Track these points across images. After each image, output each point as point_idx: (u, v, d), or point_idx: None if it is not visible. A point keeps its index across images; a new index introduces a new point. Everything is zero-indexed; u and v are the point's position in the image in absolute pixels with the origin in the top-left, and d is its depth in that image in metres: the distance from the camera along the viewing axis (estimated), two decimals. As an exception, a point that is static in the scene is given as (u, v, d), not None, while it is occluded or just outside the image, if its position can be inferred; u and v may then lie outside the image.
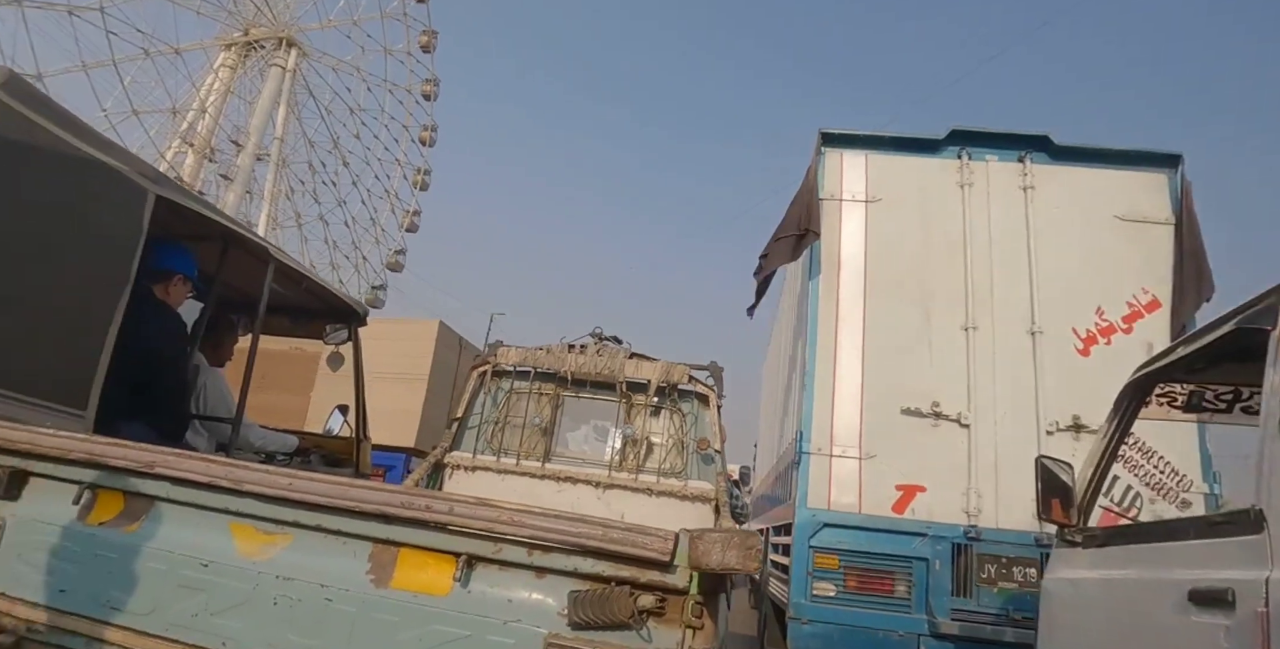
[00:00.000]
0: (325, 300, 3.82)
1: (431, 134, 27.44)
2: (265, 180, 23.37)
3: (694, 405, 4.44)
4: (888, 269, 4.32)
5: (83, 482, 1.64)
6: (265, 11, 22.81)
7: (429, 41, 26.25)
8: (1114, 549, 2.24)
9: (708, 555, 1.29)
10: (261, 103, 23.04)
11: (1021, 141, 4.46)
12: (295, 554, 1.50)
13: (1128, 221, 4.29)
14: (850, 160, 4.53)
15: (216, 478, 1.54)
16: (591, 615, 1.32)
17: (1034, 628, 3.63)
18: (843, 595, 3.76)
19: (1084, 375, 4.06)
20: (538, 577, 1.40)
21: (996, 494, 3.91)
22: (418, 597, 1.42)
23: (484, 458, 4.40)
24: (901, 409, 4.05)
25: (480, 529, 1.40)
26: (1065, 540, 2.57)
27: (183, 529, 1.58)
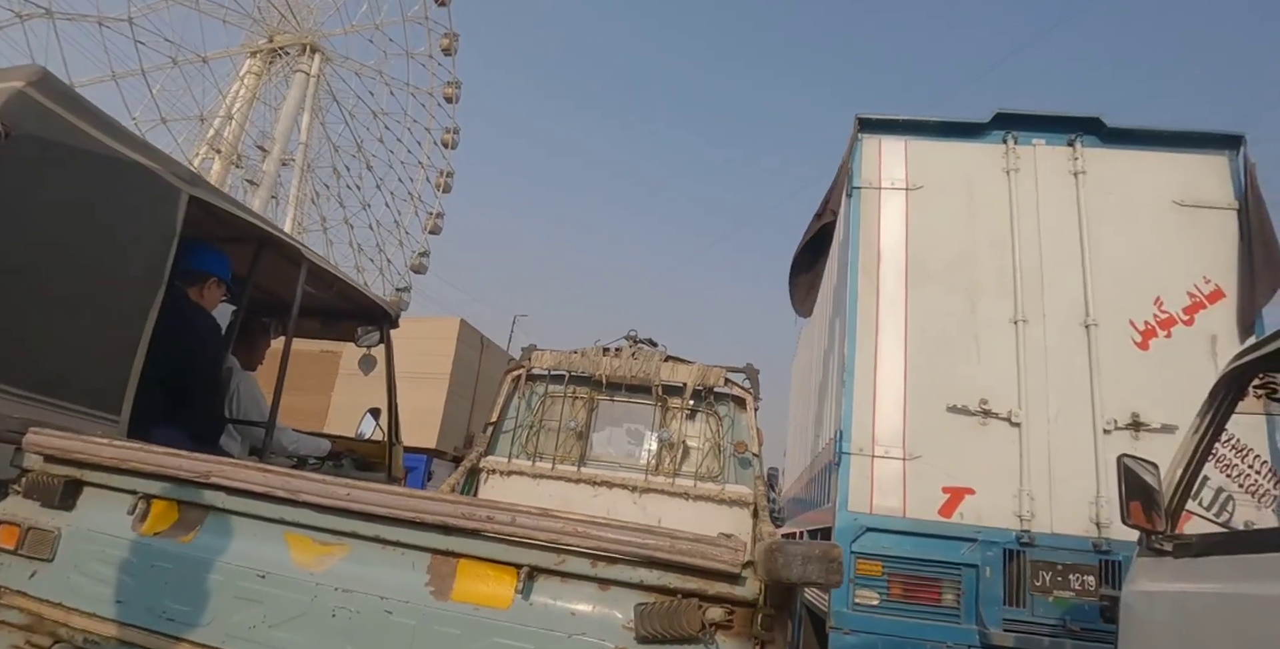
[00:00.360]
0: (356, 302, 3.78)
1: (454, 136, 27.65)
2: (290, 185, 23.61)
3: (730, 408, 4.44)
4: (931, 260, 4.14)
5: (137, 492, 1.64)
6: (289, 18, 23.15)
7: (450, 44, 26.44)
8: (1222, 559, 2.01)
9: (788, 568, 1.24)
10: (286, 108, 23.36)
11: (1071, 124, 4.25)
12: (353, 565, 1.49)
13: (1186, 207, 4.06)
14: (889, 146, 4.36)
15: (273, 488, 1.52)
16: (659, 629, 1.30)
17: (1096, 640, 3.48)
18: (886, 604, 3.58)
19: (1142, 370, 3.84)
20: (602, 589, 1.37)
21: (1050, 497, 3.70)
22: (479, 609, 1.39)
23: (519, 462, 4.40)
24: (948, 407, 3.86)
25: (544, 541, 1.38)
26: (1152, 549, 2.32)
27: (238, 540, 1.57)
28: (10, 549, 1.65)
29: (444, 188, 27.74)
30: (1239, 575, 1.88)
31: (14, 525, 1.66)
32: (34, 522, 1.66)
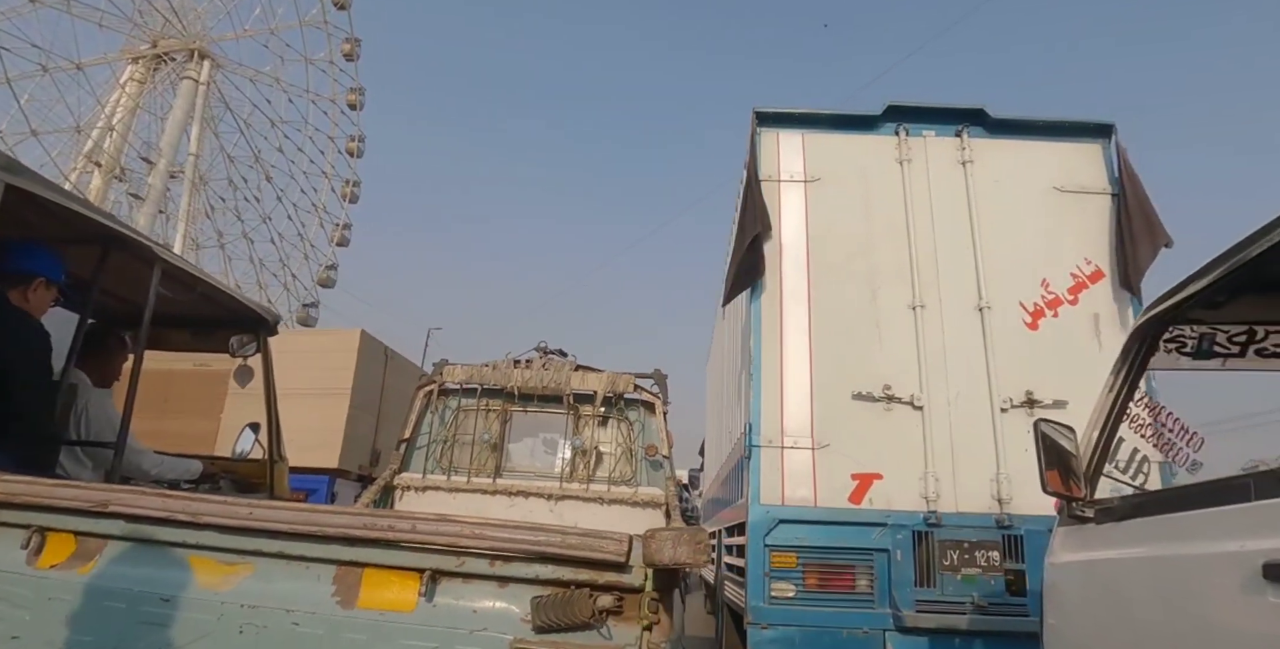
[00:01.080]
0: (228, 308, 3.52)
1: (359, 144, 26.97)
2: (180, 199, 22.33)
3: (641, 413, 4.61)
4: (831, 250, 4.24)
5: (31, 525, 1.62)
6: (174, 22, 22.00)
7: (352, 50, 25.79)
8: (1145, 521, 1.91)
9: (660, 553, 1.40)
10: (173, 118, 22.17)
11: (958, 116, 4.46)
12: (259, 582, 1.53)
13: (1066, 192, 4.32)
14: (787, 140, 4.46)
15: (174, 513, 1.55)
16: (554, 618, 1.41)
17: (1002, 614, 3.60)
18: (803, 595, 3.62)
19: (1034, 350, 4.04)
20: (500, 586, 1.47)
21: (954, 477, 3.84)
22: (385, 614, 1.47)
23: (434, 477, 4.47)
24: (853, 394, 3.95)
25: (443, 544, 1.47)
26: (1073, 517, 2.24)
27: (140, 566, 1.58)
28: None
29: (350, 198, 26.99)
30: (1165, 537, 1.80)
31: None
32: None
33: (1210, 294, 1.95)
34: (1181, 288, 2.04)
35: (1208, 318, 2.32)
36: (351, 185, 26.96)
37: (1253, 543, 1.46)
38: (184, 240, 22.15)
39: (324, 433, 6.54)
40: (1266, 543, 1.42)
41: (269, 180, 25.37)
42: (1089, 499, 2.23)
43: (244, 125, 24.64)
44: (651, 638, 1.41)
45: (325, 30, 25.36)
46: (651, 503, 4.27)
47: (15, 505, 1.61)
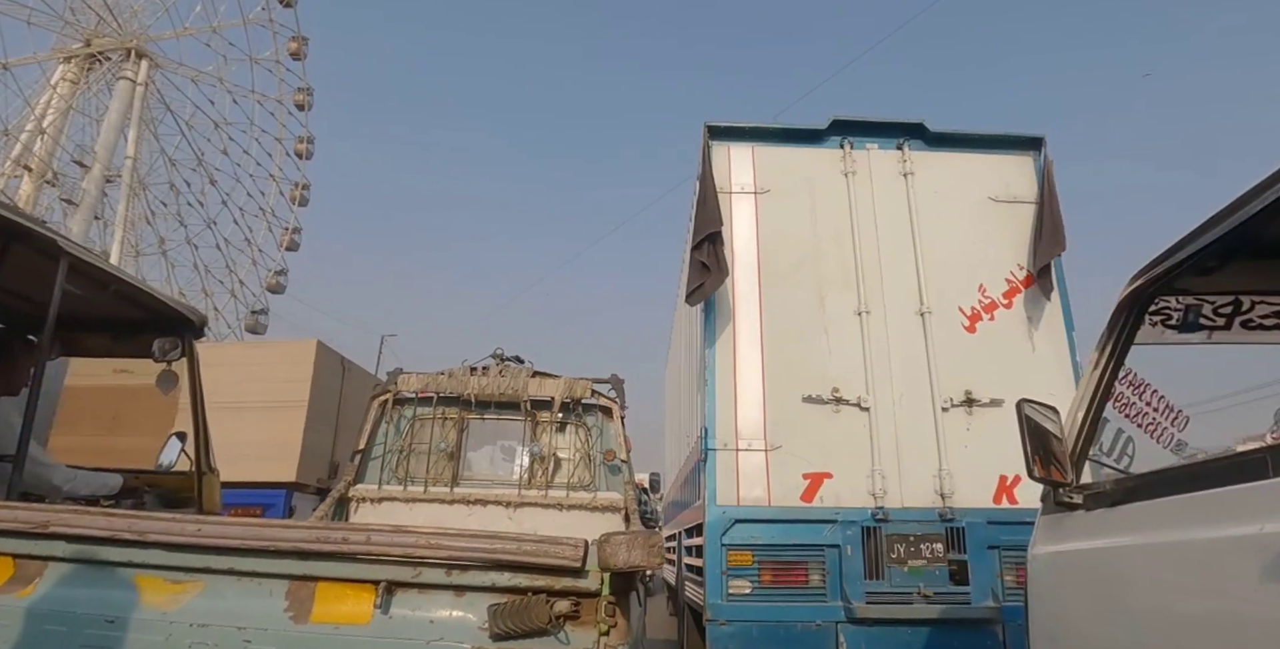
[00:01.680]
0: (149, 308, 3.26)
1: (308, 146, 26.45)
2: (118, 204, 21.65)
3: (598, 418, 4.64)
4: (780, 259, 4.45)
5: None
6: (109, 20, 21.32)
7: (299, 48, 25.27)
8: (1144, 506, 1.77)
9: (615, 556, 1.43)
10: (109, 119, 21.43)
11: (899, 129, 4.72)
12: (208, 600, 1.51)
13: (1000, 202, 4.61)
14: (737, 153, 4.67)
15: (118, 531, 1.52)
16: (511, 626, 1.42)
17: (946, 602, 3.84)
18: (759, 591, 3.81)
19: (972, 351, 4.31)
20: (457, 595, 1.48)
21: (900, 474, 4.07)
22: (339, 628, 1.46)
23: (390, 488, 4.44)
24: (803, 397, 4.17)
25: (399, 555, 1.47)
26: (1061, 502, 2.11)
27: (83, 587, 1.54)
28: None
29: (299, 201, 26.45)
30: (1169, 521, 1.67)
31: None
32: None
33: (1202, 259, 1.79)
34: (1171, 253, 1.88)
35: (1196, 287, 2.18)
36: (300, 188, 26.44)
37: (1273, 524, 1.31)
38: (121, 247, 21.47)
39: (280, 446, 6.46)
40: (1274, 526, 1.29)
41: (213, 184, 24.78)
42: (1076, 484, 2.09)
43: (186, 127, 24.00)
44: (609, 641, 1.43)
45: (271, 28, 24.83)
46: (610, 507, 4.33)
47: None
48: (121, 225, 21.79)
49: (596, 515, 4.31)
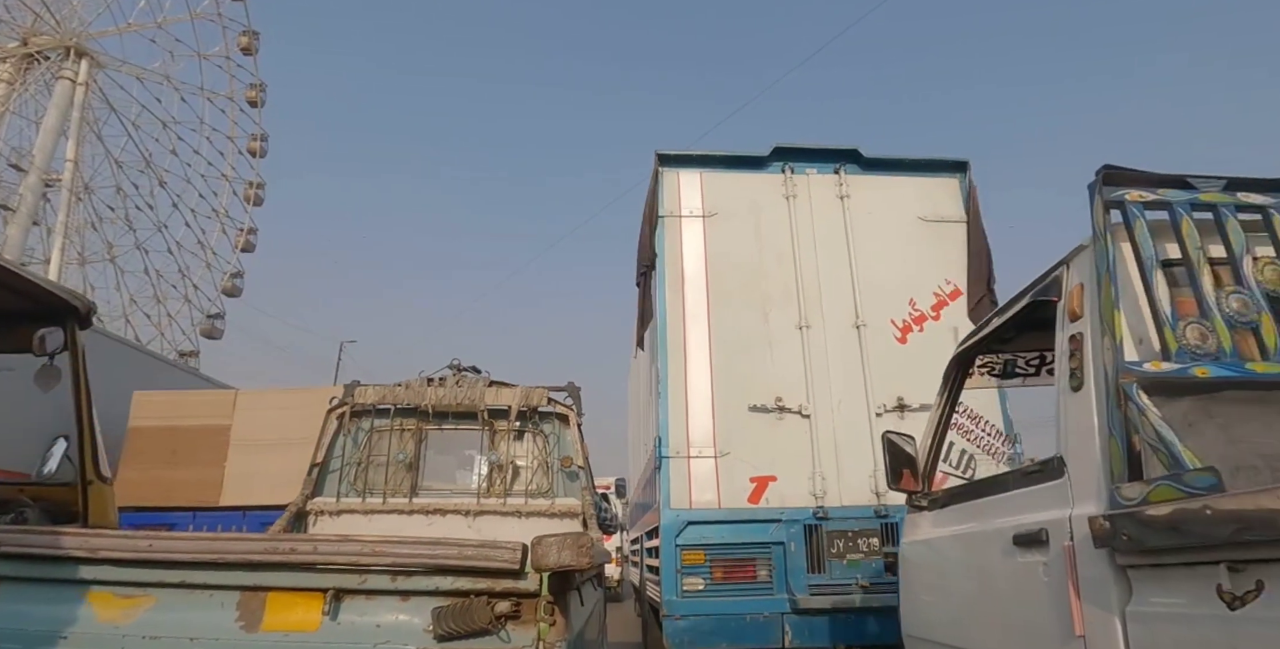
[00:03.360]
0: (27, 295, 2.96)
1: (262, 144, 26.02)
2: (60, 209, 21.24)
3: (555, 426, 4.75)
4: (727, 278, 4.87)
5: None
6: (46, 17, 20.85)
7: (250, 43, 24.89)
8: (954, 507, 2.58)
9: (546, 558, 1.57)
10: (47, 122, 20.91)
11: (836, 155, 5.18)
12: (160, 613, 1.60)
13: (929, 222, 5.09)
14: (686, 179, 5.08)
15: (68, 549, 1.60)
16: (454, 627, 1.55)
17: (881, 591, 4.31)
18: (711, 587, 4.22)
19: (903, 360, 4.78)
20: (403, 600, 1.60)
21: (839, 475, 4.53)
22: (289, 635, 1.57)
23: (349, 500, 4.50)
24: (749, 406, 4.59)
25: (345, 563, 1.59)
26: (914, 505, 2.90)
27: (35, 605, 1.61)
28: None
29: (254, 200, 26.01)
30: (962, 518, 2.48)
31: None
32: None
33: (999, 333, 2.61)
34: (980, 329, 2.72)
35: (1005, 348, 3.00)
36: (255, 187, 26.02)
37: (1007, 520, 2.08)
38: (62, 254, 20.99)
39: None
40: (1015, 520, 2.04)
41: (163, 186, 24.27)
42: (925, 492, 2.88)
43: (132, 127, 23.51)
44: (548, 638, 1.56)
45: (220, 23, 24.37)
46: (569, 513, 4.42)
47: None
48: (62, 232, 21.24)
49: (555, 522, 4.44)
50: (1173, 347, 1.77)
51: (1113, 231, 1.90)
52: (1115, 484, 1.66)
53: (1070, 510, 1.80)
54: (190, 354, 23.40)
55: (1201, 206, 1.96)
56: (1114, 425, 1.72)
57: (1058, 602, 1.80)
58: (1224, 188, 1.98)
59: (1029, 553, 1.95)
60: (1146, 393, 1.68)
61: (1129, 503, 1.58)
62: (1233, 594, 1.31)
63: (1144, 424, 1.63)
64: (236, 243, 25.61)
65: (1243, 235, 1.92)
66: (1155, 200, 1.96)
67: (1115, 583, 1.62)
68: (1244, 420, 1.71)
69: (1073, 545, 1.75)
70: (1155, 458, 1.60)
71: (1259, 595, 1.27)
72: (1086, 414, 1.85)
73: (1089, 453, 1.81)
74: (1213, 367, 1.74)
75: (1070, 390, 1.95)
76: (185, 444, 8.26)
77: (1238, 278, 1.86)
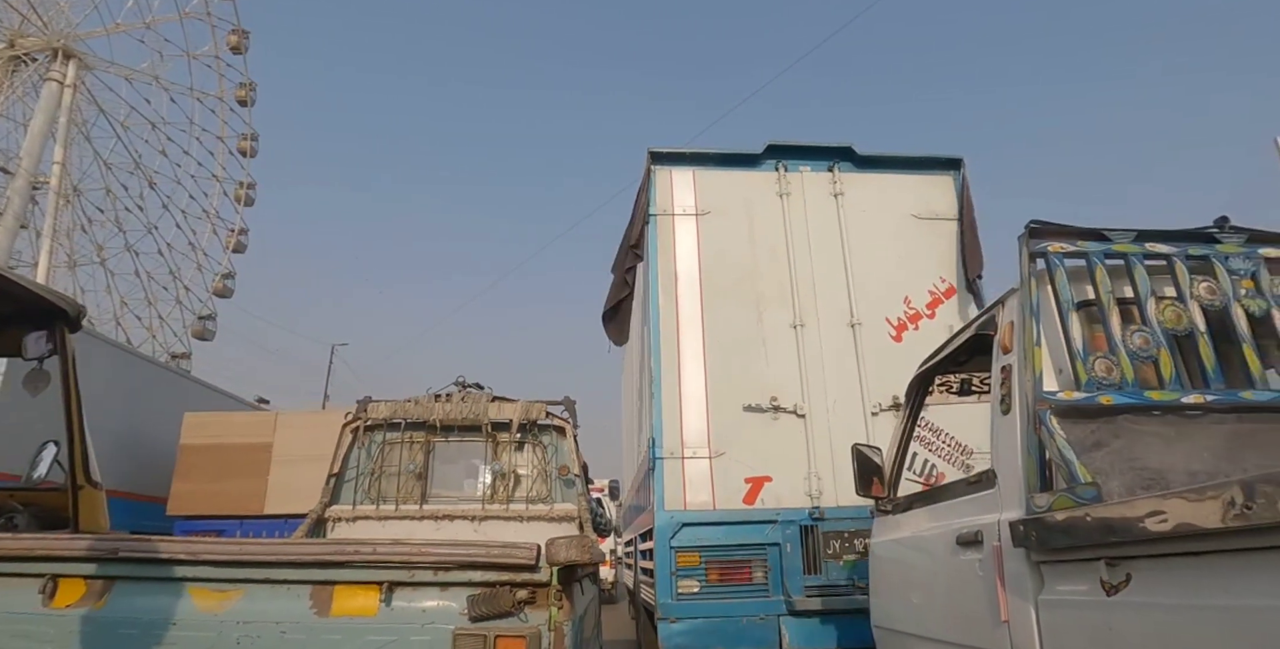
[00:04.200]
0: (14, 298, 2.99)
1: (252, 144, 25.90)
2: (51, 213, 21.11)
3: (553, 437, 5.12)
4: (721, 276, 4.85)
5: (44, 574, 1.98)
6: (33, 19, 20.71)
7: (239, 42, 24.73)
8: (914, 511, 2.89)
9: (558, 554, 1.96)
10: (35, 124, 20.73)
11: (829, 153, 5.15)
12: (249, 603, 1.96)
13: (923, 219, 5.07)
14: (679, 177, 5.04)
15: (175, 554, 1.98)
16: (484, 610, 1.93)
17: (877, 592, 4.30)
18: (706, 590, 4.19)
19: (899, 359, 4.72)
20: (443, 590, 1.97)
21: (834, 475, 4.49)
22: (353, 619, 1.93)
23: (364, 507, 4.87)
24: (744, 406, 4.56)
25: (397, 562, 1.96)
26: (881, 510, 3.23)
27: (146, 598, 1.97)
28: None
29: (245, 201, 25.92)
30: (919, 521, 2.78)
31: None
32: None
33: (952, 357, 2.95)
34: (935, 353, 3.04)
35: (961, 369, 3.31)
36: (245, 187, 25.91)
37: (952, 523, 2.41)
38: (51, 257, 20.87)
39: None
40: (959, 523, 2.36)
41: (153, 187, 24.14)
42: (890, 498, 3.18)
43: (121, 129, 23.39)
44: (557, 618, 1.95)
45: (209, 22, 24.21)
46: (566, 518, 4.76)
47: (30, 558, 1.98)
48: (50, 234, 21.11)
49: (554, 525, 4.72)
50: (1083, 377, 2.07)
51: (1037, 277, 2.21)
52: (1030, 494, 1.96)
53: (1000, 516, 2.10)
54: (182, 356, 23.31)
55: (1114, 255, 2.26)
56: (1030, 445, 2.02)
57: (989, 593, 2.09)
58: (1134, 238, 2.28)
59: (968, 552, 2.26)
60: (1058, 417, 1.98)
61: (1039, 510, 1.89)
62: (1110, 584, 1.60)
63: (1052, 444, 1.93)
64: (227, 243, 25.52)
65: (1148, 280, 2.21)
66: (1074, 251, 2.26)
67: (1030, 576, 1.92)
68: (1141, 440, 1.98)
69: (1000, 545, 2.05)
70: (1060, 473, 1.90)
71: (1128, 584, 1.56)
72: (1012, 434, 2.14)
73: (1013, 467, 2.09)
74: (1116, 395, 2.03)
75: (1001, 413, 2.24)
76: (231, 459, 9.40)
77: (1142, 317, 2.17)
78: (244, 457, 9.44)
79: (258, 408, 15.61)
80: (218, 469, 9.36)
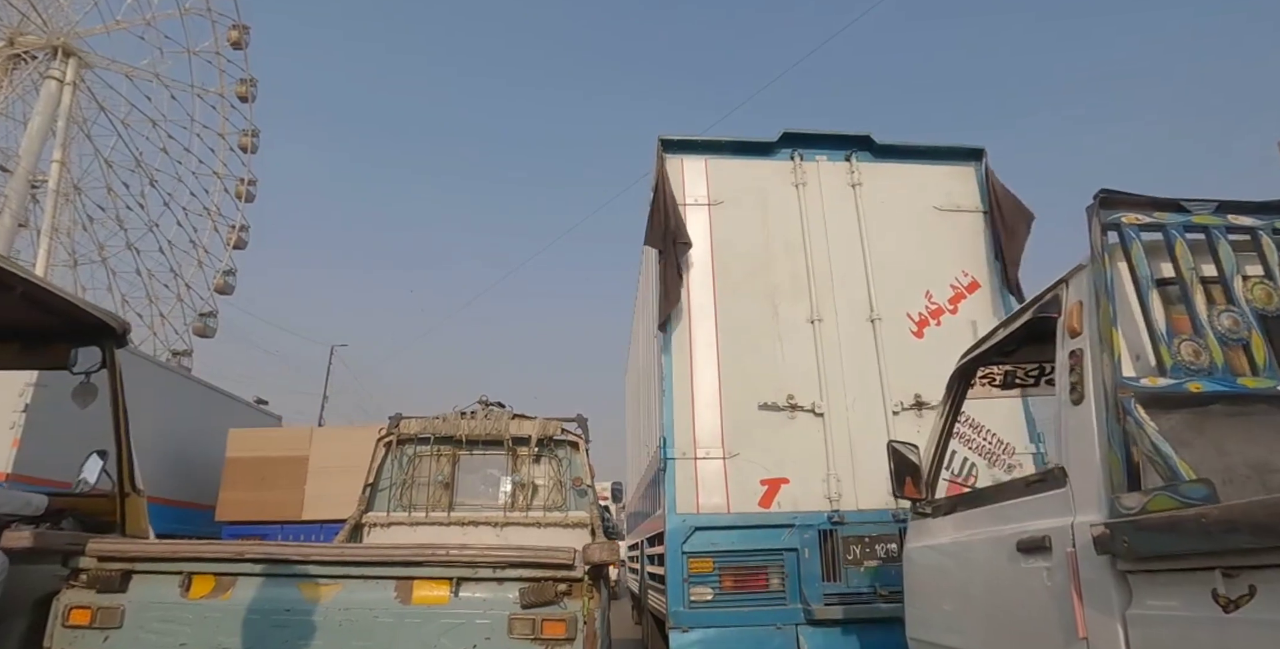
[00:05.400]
0: (65, 315, 3.12)
1: (253, 140, 25.89)
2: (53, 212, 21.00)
3: (567, 451, 5.66)
4: (734, 269, 4.66)
5: (182, 572, 2.46)
6: (33, 17, 20.61)
7: (240, 37, 24.71)
8: (959, 514, 2.67)
9: (592, 556, 2.47)
10: (34, 122, 20.62)
11: (847, 142, 4.97)
12: (347, 593, 2.44)
13: (944, 211, 4.88)
14: (690, 165, 4.85)
15: (289, 555, 2.48)
16: (533, 599, 2.41)
17: (900, 601, 4.08)
18: (720, 598, 4.00)
19: (920, 356, 4.56)
20: (499, 584, 2.46)
21: (854, 477, 4.31)
22: (430, 607, 2.43)
23: (396, 514, 5.42)
24: (759, 405, 4.38)
25: (464, 561, 2.46)
26: (918, 513, 3.03)
27: (264, 590, 2.44)
28: (85, 625, 2.40)
29: (246, 197, 25.90)
30: (967, 525, 2.56)
31: (85, 608, 2.41)
32: (99, 604, 2.42)
33: (1000, 346, 2.72)
34: (982, 342, 2.81)
35: (1007, 360, 3.08)
36: (246, 184, 25.89)
37: (1010, 527, 2.18)
38: (49, 255, 20.73)
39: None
40: (1019, 527, 2.14)
41: (153, 184, 24.06)
42: (929, 500, 2.98)
43: (121, 126, 23.29)
44: (589, 606, 2.42)
45: (209, 18, 24.16)
46: (579, 524, 5.22)
47: (172, 559, 2.48)
48: (48, 233, 20.94)
49: (568, 531, 5.19)
50: (1168, 362, 1.89)
51: (1110, 252, 2.01)
52: (1115, 494, 1.77)
53: (1073, 518, 1.90)
54: (184, 353, 23.27)
55: (1194, 228, 2.09)
56: (1113, 437, 1.82)
57: (1061, 605, 1.90)
58: (1215, 210, 2.10)
59: (1032, 559, 2.05)
60: (1144, 406, 1.79)
61: (1128, 512, 1.69)
62: (1227, 598, 1.39)
63: (1141, 437, 1.73)
64: (229, 240, 25.45)
65: (1233, 256, 2.04)
66: (1150, 222, 2.08)
67: (1116, 587, 1.72)
68: (1235, 432, 1.82)
69: (1075, 552, 1.85)
70: (1153, 469, 1.70)
71: (1252, 599, 1.35)
72: (1087, 426, 1.94)
73: (1089, 463, 1.89)
74: (1206, 382, 1.86)
75: (1071, 403, 2.04)
76: (272, 471, 10.65)
77: (1229, 296, 1.99)
78: (283, 468, 10.69)
79: (257, 409, 15.89)
80: (260, 479, 10.56)
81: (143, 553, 2.46)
